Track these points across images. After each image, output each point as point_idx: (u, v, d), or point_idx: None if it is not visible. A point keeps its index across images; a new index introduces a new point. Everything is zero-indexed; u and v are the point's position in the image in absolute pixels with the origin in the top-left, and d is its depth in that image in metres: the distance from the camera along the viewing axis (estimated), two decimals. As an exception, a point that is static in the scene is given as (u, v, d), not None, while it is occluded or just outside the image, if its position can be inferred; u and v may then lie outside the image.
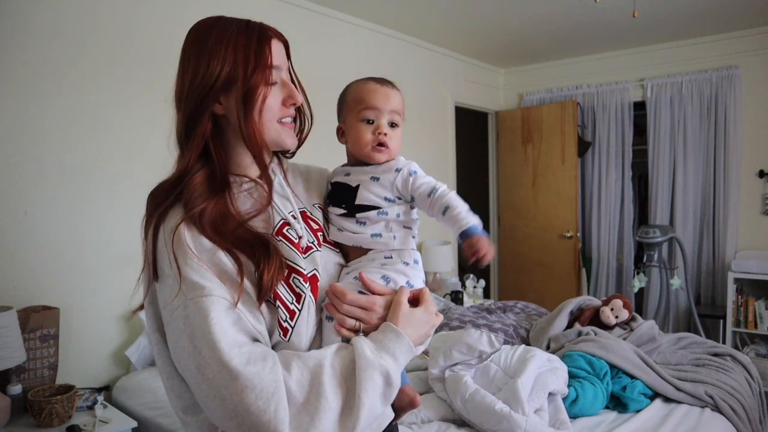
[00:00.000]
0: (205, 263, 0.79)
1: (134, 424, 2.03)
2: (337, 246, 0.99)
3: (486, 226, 5.40)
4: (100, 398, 2.12)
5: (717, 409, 2.06)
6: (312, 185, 1.05)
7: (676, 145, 4.31)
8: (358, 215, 0.96)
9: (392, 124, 1.00)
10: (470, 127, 5.49)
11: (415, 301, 0.91)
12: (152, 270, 0.81)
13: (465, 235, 0.92)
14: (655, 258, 3.78)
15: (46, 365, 2.10)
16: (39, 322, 2.07)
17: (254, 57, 0.85)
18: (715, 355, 2.44)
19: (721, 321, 3.94)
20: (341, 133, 1.03)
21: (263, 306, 0.81)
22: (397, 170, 0.97)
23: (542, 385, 1.89)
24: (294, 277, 0.84)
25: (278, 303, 0.82)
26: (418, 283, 0.96)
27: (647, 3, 3.36)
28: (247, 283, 0.80)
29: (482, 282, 4.13)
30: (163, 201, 0.84)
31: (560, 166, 4.76)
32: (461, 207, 0.94)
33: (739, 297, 3.89)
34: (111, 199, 2.41)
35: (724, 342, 3.90)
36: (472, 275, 4.19)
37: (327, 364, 0.78)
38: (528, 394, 1.83)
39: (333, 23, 3.48)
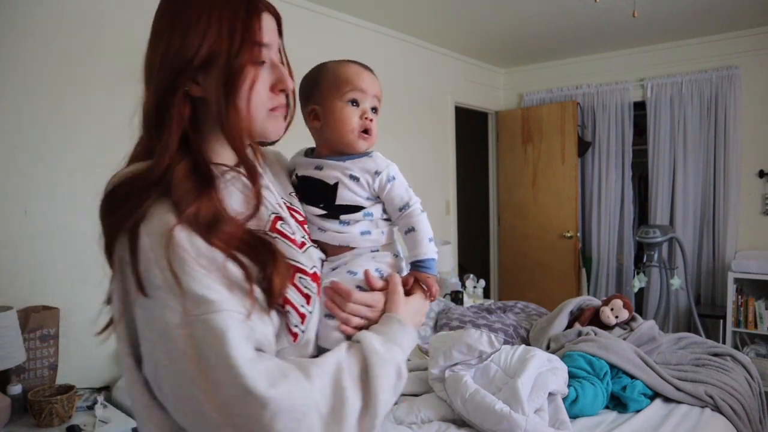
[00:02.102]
0: (209, 271, 0.67)
1: (134, 424, 2.02)
2: (314, 240, 0.91)
3: (486, 226, 5.43)
4: (100, 398, 2.12)
5: (717, 409, 2.06)
6: (278, 171, 0.93)
7: (676, 145, 4.31)
8: (342, 217, 0.89)
9: (374, 109, 0.94)
10: (470, 127, 5.49)
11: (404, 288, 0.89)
12: (136, 282, 0.66)
13: (418, 266, 0.91)
14: (655, 258, 3.77)
15: (46, 365, 2.10)
16: (39, 322, 2.07)
17: (241, 30, 0.72)
18: (715, 355, 2.44)
19: (721, 321, 3.94)
20: (312, 117, 0.93)
21: (273, 313, 0.73)
22: (377, 173, 0.89)
23: (542, 385, 1.89)
24: (300, 277, 0.77)
25: (288, 307, 0.74)
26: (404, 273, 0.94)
27: (647, 3, 3.36)
28: (256, 289, 0.70)
29: (482, 282, 4.12)
30: (141, 200, 0.69)
31: (560, 166, 4.76)
32: (425, 233, 0.91)
33: (739, 297, 3.89)
34: (111, 199, 2.40)
35: (724, 342, 3.90)
36: (472, 275, 4.19)
37: (345, 367, 0.72)
38: (528, 394, 1.83)
39: (333, 23, 3.48)
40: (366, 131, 0.91)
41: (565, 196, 4.75)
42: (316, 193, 0.91)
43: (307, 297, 0.77)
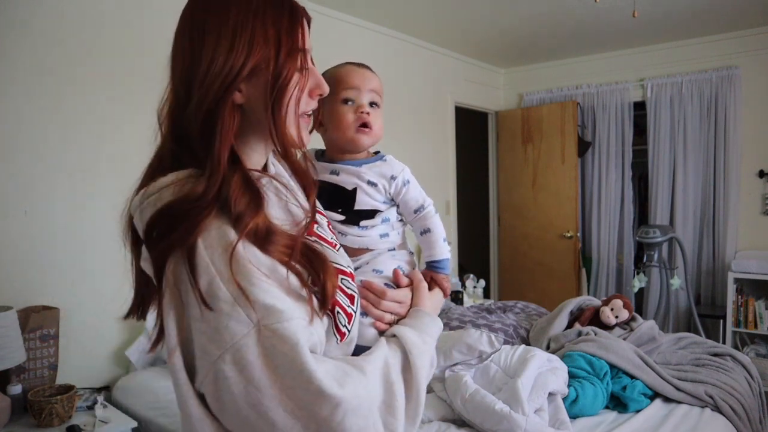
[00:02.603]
0: (272, 281, 0.67)
1: (134, 424, 2.03)
2: None
3: (486, 226, 5.42)
4: (100, 398, 2.12)
5: (717, 409, 2.06)
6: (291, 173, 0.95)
7: (676, 145, 4.31)
8: (361, 222, 0.93)
9: (372, 104, 0.95)
10: (470, 127, 5.49)
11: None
12: (199, 297, 0.65)
13: (433, 266, 0.97)
14: (655, 258, 3.77)
15: (46, 365, 2.10)
16: (39, 322, 2.07)
17: (286, 38, 0.72)
18: (715, 355, 2.44)
19: (721, 321, 3.94)
20: (318, 124, 0.96)
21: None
22: (393, 177, 0.94)
23: (542, 385, 1.89)
24: (342, 279, 0.79)
25: (338, 309, 0.76)
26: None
27: (647, 3, 3.36)
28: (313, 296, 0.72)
29: (482, 282, 4.12)
30: (200, 218, 0.67)
31: (560, 166, 4.76)
32: (440, 234, 0.97)
33: (739, 297, 3.89)
34: (111, 198, 2.40)
35: (724, 342, 3.90)
36: (472, 275, 4.19)
37: (391, 362, 0.77)
38: (528, 394, 1.83)
39: (333, 23, 3.48)
40: (364, 125, 0.93)
41: (565, 196, 4.75)
42: (334, 198, 0.93)
43: (351, 297, 0.80)
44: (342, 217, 0.93)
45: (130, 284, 0.81)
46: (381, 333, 0.86)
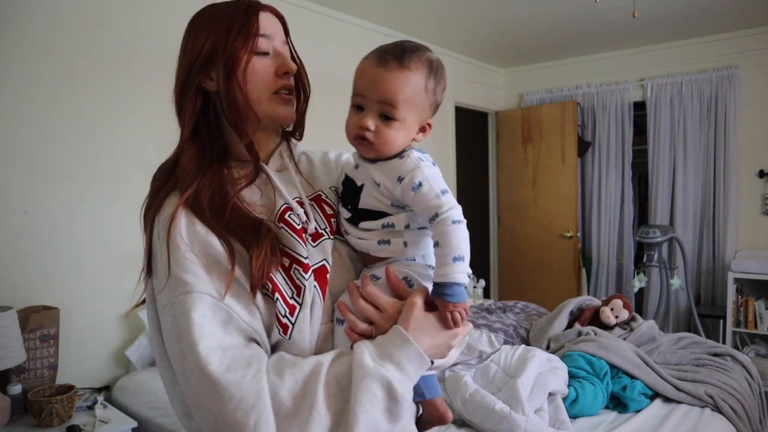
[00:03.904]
0: (195, 254, 0.73)
1: (134, 424, 2.03)
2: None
3: (486, 226, 5.41)
4: (100, 398, 2.12)
5: (717, 409, 2.06)
6: (331, 168, 0.97)
7: (676, 145, 4.31)
8: (361, 223, 0.83)
9: (385, 116, 0.79)
10: (470, 127, 5.49)
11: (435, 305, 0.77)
12: (146, 265, 0.78)
13: (436, 290, 0.76)
14: (655, 258, 3.77)
15: (46, 365, 2.10)
16: (39, 322, 2.07)
17: (238, 26, 0.81)
18: (715, 355, 2.44)
19: (721, 321, 3.94)
20: None
21: (259, 299, 0.74)
22: (400, 179, 0.79)
23: (542, 385, 1.89)
24: (295, 268, 0.76)
25: (277, 296, 0.73)
26: None
27: (647, 3, 3.36)
28: (239, 272, 0.73)
29: (482, 282, 4.12)
30: (161, 186, 0.81)
31: (560, 166, 4.76)
32: (452, 250, 0.75)
33: (739, 297, 3.89)
34: (111, 199, 2.40)
35: (724, 342, 3.90)
36: (472, 275, 4.19)
37: (323, 371, 0.70)
38: (528, 394, 1.83)
39: (333, 23, 3.48)
40: (363, 137, 0.81)
41: (565, 196, 4.75)
42: (348, 193, 0.87)
43: (299, 288, 0.76)
44: (349, 215, 0.85)
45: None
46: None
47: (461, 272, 0.74)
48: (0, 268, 2.12)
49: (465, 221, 0.78)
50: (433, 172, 0.81)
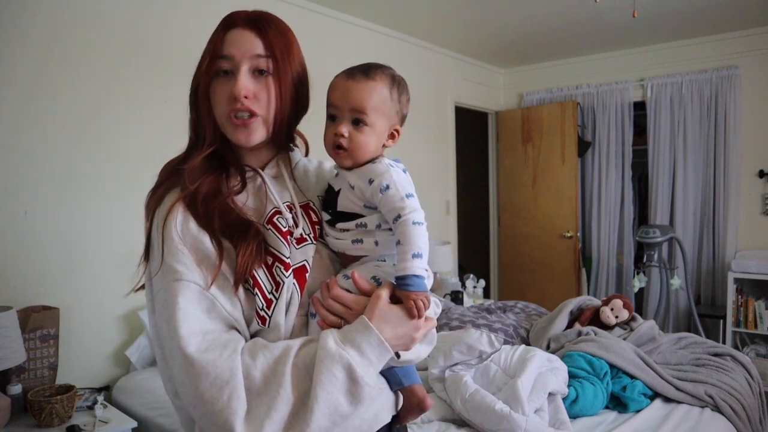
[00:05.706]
0: (186, 248, 0.79)
1: (134, 424, 2.03)
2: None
3: (486, 226, 5.41)
4: (100, 398, 2.12)
5: (717, 409, 2.06)
6: (323, 179, 1.01)
7: (676, 145, 4.31)
8: (338, 224, 0.91)
9: (356, 122, 0.89)
10: (470, 127, 5.49)
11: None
12: (145, 251, 0.84)
13: (397, 282, 0.83)
14: (655, 258, 3.78)
15: (46, 365, 2.10)
16: (39, 322, 2.07)
17: (211, 45, 0.85)
18: (715, 355, 2.44)
19: (721, 321, 3.94)
20: None
21: (241, 292, 0.81)
22: (370, 182, 0.87)
23: (542, 385, 1.89)
24: (276, 266, 0.83)
25: (256, 290, 0.81)
26: None
27: (647, 3, 3.36)
28: (225, 267, 0.80)
29: (482, 282, 4.12)
30: (166, 178, 0.88)
31: (560, 166, 4.76)
32: (411, 247, 0.82)
33: (739, 297, 3.89)
34: (111, 198, 2.41)
35: (724, 342, 3.90)
36: (472, 275, 4.19)
37: (292, 354, 0.76)
38: (528, 394, 1.83)
39: (333, 23, 3.48)
40: (339, 146, 0.89)
41: (565, 196, 4.75)
42: (328, 198, 0.95)
43: (278, 284, 0.82)
44: (329, 217, 0.93)
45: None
46: None
47: (419, 267, 0.82)
48: (0, 268, 2.12)
49: (425, 224, 0.86)
50: (401, 177, 0.88)
